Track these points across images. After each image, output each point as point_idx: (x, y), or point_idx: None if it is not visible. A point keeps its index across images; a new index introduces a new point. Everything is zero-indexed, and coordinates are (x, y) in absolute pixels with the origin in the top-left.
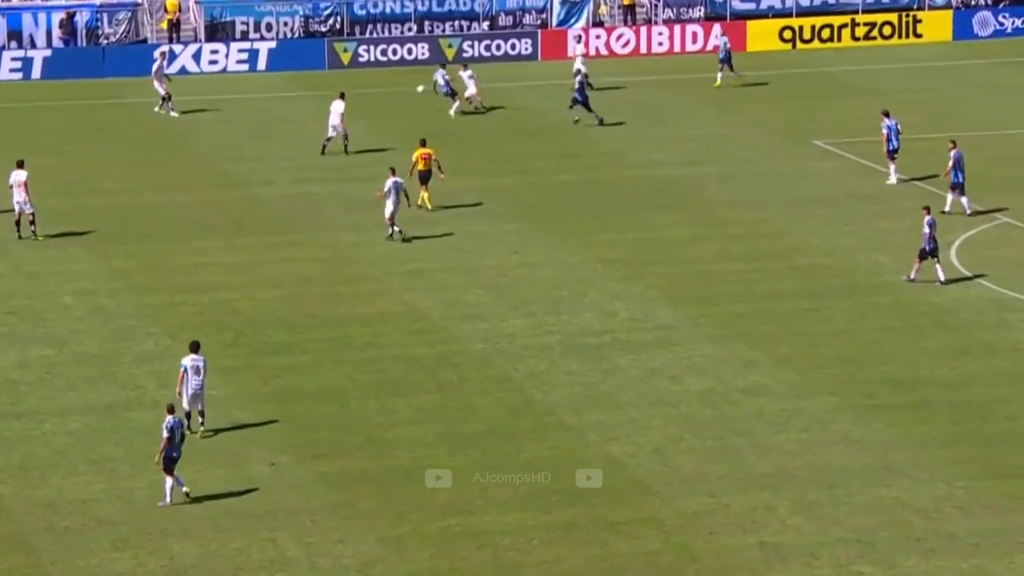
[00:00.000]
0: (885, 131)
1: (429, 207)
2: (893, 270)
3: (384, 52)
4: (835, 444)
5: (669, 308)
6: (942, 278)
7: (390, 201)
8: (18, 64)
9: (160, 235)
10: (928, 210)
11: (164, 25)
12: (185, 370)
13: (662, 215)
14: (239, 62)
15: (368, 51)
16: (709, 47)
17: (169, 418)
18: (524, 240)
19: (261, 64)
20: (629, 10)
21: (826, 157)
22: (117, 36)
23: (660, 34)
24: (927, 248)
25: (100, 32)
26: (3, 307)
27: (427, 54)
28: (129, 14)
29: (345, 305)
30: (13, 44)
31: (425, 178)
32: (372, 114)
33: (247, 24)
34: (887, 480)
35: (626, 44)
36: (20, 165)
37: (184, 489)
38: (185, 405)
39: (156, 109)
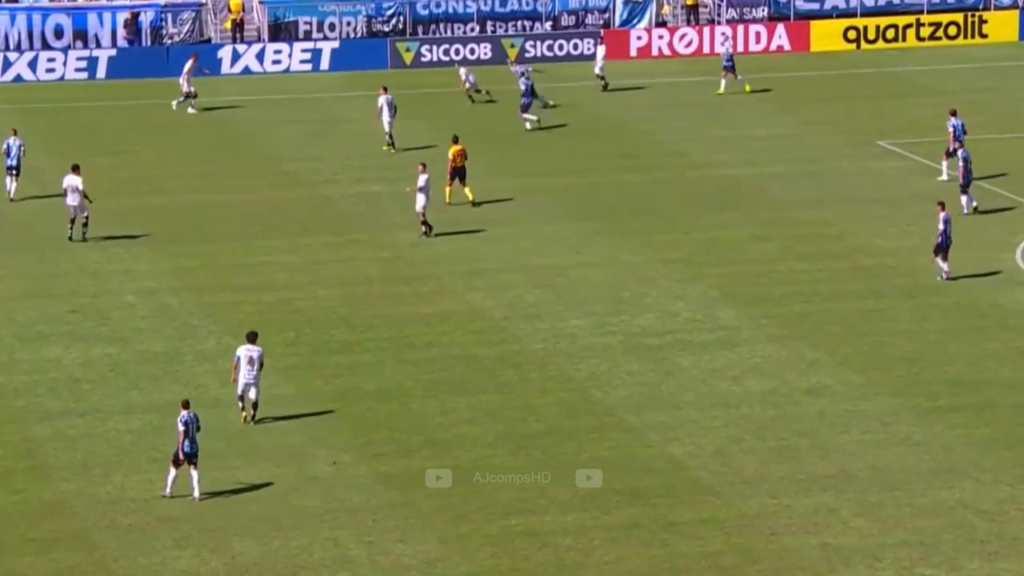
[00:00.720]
0: (951, 129)
1: (448, 201)
2: (955, 271)
3: (447, 52)
4: (898, 445)
5: (731, 308)
6: (947, 273)
7: (422, 197)
8: (83, 64)
9: (223, 234)
10: (943, 206)
11: (228, 25)
12: (238, 360)
13: (725, 215)
14: (302, 62)
15: (431, 51)
16: (717, 50)
17: (184, 413)
18: (585, 240)
19: (324, 64)
20: (692, 10)
21: (890, 157)
22: (181, 36)
23: (723, 34)
24: (941, 243)
25: (164, 32)
26: (67, 305)
27: (489, 54)
28: (193, 14)
29: (406, 304)
30: (79, 44)
31: (459, 174)
32: (432, 114)
33: (310, 24)
34: (950, 482)
35: (689, 44)
36: (75, 170)
37: (196, 493)
38: (238, 390)
39: (190, 110)
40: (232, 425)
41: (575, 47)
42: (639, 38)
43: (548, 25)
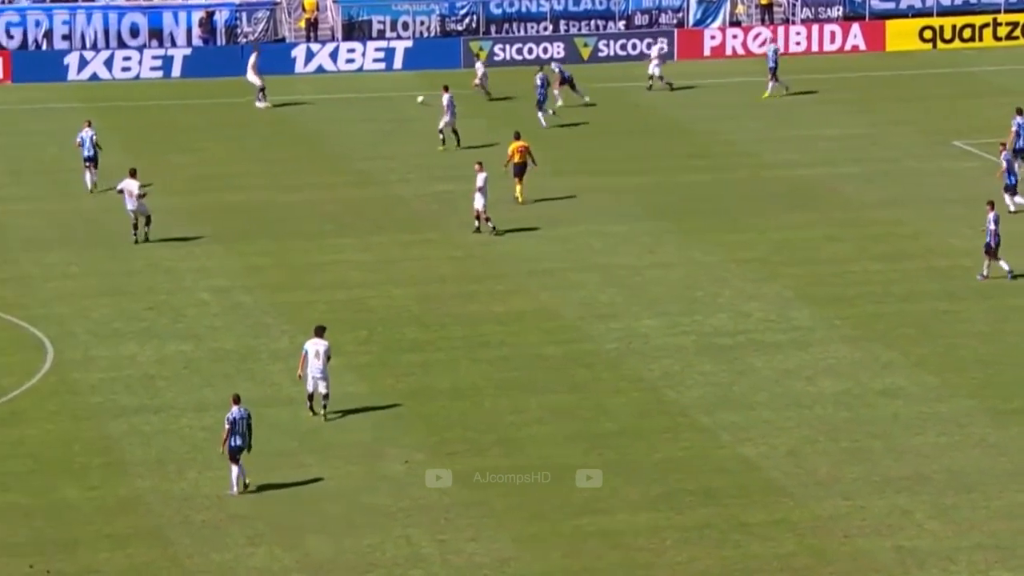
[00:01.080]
0: (1015, 127)
1: (521, 200)
2: (1019, 270)
3: (520, 51)
4: (973, 447)
5: (805, 309)
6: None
7: (480, 196)
8: (159, 63)
9: (296, 232)
10: (992, 206)
11: (302, 24)
12: (306, 353)
13: (798, 215)
14: (375, 61)
15: (504, 50)
16: (759, 52)
17: (234, 408)
18: (658, 240)
19: (397, 63)
20: (766, 9)
21: (965, 157)
22: (256, 35)
23: (798, 34)
24: (992, 244)
25: (239, 31)
26: (142, 303)
27: (562, 53)
28: (268, 13)
29: (478, 303)
30: (154, 43)
31: (520, 171)
32: (500, 113)
33: (384, 23)
34: None
35: (763, 44)
36: (132, 174)
37: (245, 480)
38: (308, 387)
39: (259, 104)
40: (304, 423)
41: (648, 46)
42: (713, 37)
43: (621, 24)
